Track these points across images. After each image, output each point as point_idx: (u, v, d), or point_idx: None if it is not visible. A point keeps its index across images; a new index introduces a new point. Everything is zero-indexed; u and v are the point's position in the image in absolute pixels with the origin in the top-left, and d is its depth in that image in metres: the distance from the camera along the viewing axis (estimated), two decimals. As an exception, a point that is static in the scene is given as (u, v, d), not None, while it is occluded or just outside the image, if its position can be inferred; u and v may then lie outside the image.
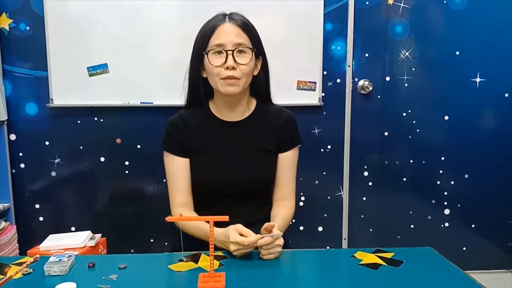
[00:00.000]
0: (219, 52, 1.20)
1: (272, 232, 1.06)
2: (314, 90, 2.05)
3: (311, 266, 1.09)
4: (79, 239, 1.68)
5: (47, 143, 2.04)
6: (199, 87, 1.28)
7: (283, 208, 1.31)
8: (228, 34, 1.20)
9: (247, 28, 1.24)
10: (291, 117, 1.34)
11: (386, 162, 2.17)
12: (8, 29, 1.95)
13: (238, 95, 1.25)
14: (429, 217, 2.21)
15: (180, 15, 1.97)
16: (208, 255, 0.96)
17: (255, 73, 1.28)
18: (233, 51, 1.19)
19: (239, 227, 1.07)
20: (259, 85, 1.31)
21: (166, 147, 1.29)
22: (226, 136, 1.29)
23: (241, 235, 1.05)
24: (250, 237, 1.03)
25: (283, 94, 1.99)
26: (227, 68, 1.18)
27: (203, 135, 1.29)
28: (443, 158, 2.17)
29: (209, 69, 1.22)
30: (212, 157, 1.28)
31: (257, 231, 1.33)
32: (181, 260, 1.04)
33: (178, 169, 1.27)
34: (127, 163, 2.07)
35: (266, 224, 1.07)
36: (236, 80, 1.20)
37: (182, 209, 1.26)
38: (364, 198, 2.19)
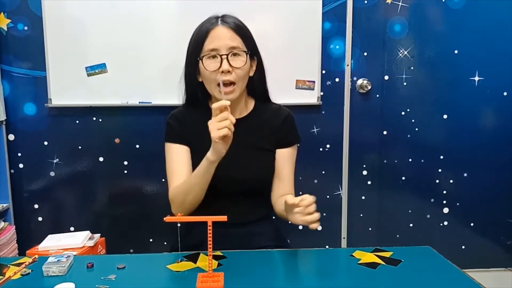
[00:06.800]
0: (214, 57, 1.20)
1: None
2: (313, 89, 2.05)
3: (310, 266, 1.10)
4: (78, 239, 1.68)
5: (45, 143, 2.03)
6: (197, 91, 1.29)
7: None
8: (222, 38, 1.19)
9: (240, 30, 1.23)
10: (289, 116, 1.34)
11: (385, 161, 2.17)
12: (6, 29, 1.94)
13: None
14: (428, 216, 2.21)
15: (178, 15, 1.97)
16: (207, 255, 0.96)
17: (251, 73, 1.28)
18: (227, 55, 1.19)
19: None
20: (256, 85, 1.31)
21: (168, 138, 1.30)
22: None
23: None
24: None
25: (282, 93, 1.97)
26: (222, 72, 1.18)
27: (201, 133, 1.29)
28: (442, 157, 2.16)
29: (205, 75, 1.22)
30: None
31: (255, 229, 1.34)
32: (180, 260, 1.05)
33: (178, 156, 1.28)
34: (126, 163, 2.06)
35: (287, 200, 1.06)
36: (232, 87, 1.20)
37: None
38: (363, 197, 2.19)
